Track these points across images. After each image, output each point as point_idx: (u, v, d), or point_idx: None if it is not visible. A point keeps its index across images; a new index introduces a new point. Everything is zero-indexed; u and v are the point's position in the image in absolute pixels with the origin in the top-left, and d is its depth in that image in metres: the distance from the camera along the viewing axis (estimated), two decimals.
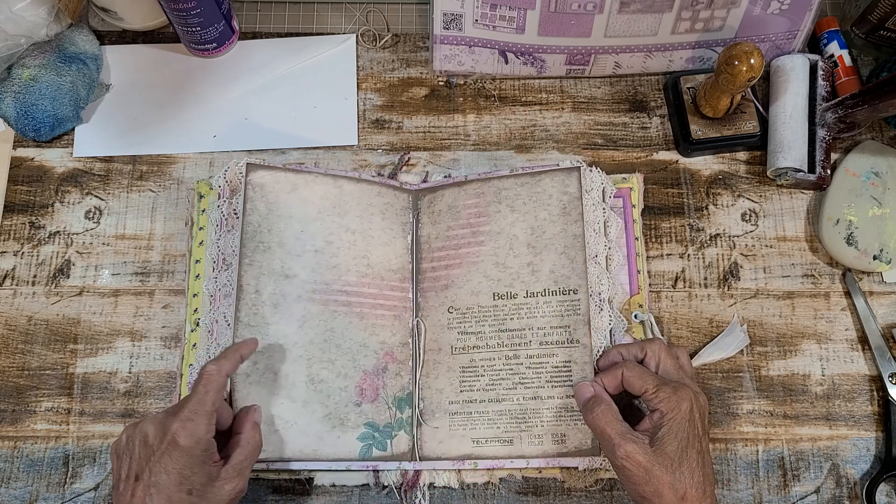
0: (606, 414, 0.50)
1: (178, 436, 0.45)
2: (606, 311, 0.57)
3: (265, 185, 0.58)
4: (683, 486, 0.47)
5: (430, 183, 0.63)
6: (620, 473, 0.49)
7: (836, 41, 0.67)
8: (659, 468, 0.47)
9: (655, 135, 0.67)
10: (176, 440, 0.45)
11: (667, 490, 0.47)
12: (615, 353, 0.54)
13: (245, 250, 0.56)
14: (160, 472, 0.45)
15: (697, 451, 0.48)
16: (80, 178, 0.65)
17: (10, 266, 0.62)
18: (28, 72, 0.63)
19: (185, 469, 0.45)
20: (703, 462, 0.48)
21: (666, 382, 0.50)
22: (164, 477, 0.45)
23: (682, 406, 0.49)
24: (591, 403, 0.51)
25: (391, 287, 0.60)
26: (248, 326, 0.55)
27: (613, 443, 0.48)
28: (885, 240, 0.62)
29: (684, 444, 0.48)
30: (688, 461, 0.47)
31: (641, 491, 0.47)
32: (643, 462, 0.47)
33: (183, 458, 0.45)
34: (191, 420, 0.46)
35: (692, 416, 0.49)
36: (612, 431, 0.49)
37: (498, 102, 0.68)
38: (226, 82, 0.67)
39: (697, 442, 0.48)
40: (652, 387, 0.50)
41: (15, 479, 0.57)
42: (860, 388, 0.61)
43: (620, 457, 0.48)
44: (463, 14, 0.63)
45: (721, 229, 0.64)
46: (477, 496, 0.57)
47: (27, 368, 0.60)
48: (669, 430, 0.48)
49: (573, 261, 0.57)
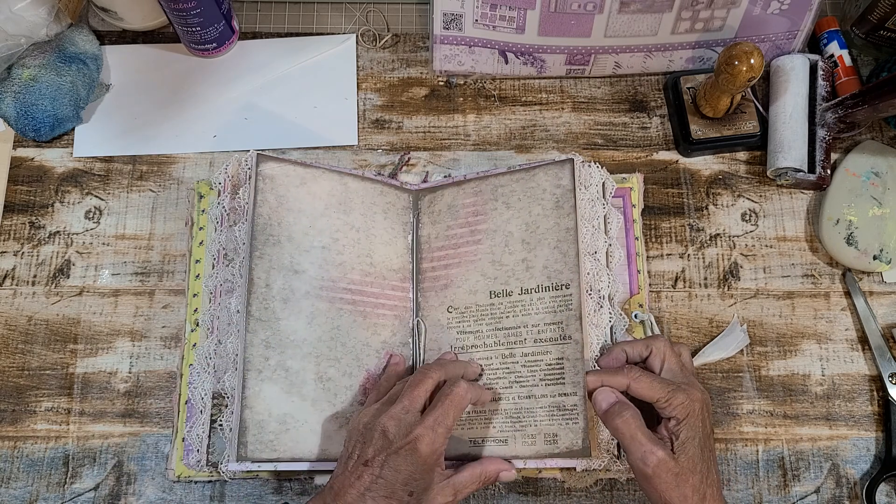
0: (634, 420, 0.49)
1: (420, 441, 0.47)
2: (606, 309, 0.57)
3: (275, 178, 0.58)
4: (704, 486, 0.47)
5: (430, 183, 0.63)
6: (647, 480, 0.48)
7: (836, 41, 0.67)
8: (688, 473, 0.47)
9: (655, 135, 0.67)
10: (416, 445, 0.47)
11: (691, 492, 0.47)
12: (619, 350, 0.54)
13: (256, 243, 0.56)
14: (390, 469, 0.46)
15: (710, 450, 0.49)
16: (80, 178, 0.65)
17: (10, 266, 0.62)
18: (28, 72, 0.63)
19: (416, 473, 0.47)
20: (714, 460, 0.49)
21: (677, 388, 0.50)
22: (394, 474, 0.46)
23: (696, 408, 0.49)
24: (618, 409, 0.50)
25: (392, 287, 0.60)
26: (259, 321, 0.54)
27: (645, 449, 0.48)
28: (885, 240, 0.62)
29: (702, 445, 0.48)
30: (706, 461, 0.48)
31: (668, 496, 0.47)
32: (673, 468, 0.47)
33: (416, 463, 0.47)
34: (434, 430, 0.47)
35: (703, 417, 0.49)
36: (644, 437, 0.48)
37: (498, 102, 0.68)
38: (226, 82, 0.67)
39: (709, 441, 0.49)
40: (664, 395, 0.49)
41: (15, 479, 0.57)
42: (860, 388, 0.61)
43: (652, 464, 0.47)
44: (463, 14, 0.63)
45: (721, 229, 0.64)
46: (477, 496, 0.57)
47: (27, 368, 0.60)
48: (689, 434, 0.48)
49: (566, 255, 0.56)
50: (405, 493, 0.46)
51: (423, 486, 0.47)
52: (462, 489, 0.50)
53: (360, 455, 0.47)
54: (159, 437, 0.58)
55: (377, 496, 0.46)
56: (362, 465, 0.47)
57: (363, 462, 0.47)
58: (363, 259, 0.59)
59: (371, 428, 0.48)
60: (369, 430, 0.48)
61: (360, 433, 0.49)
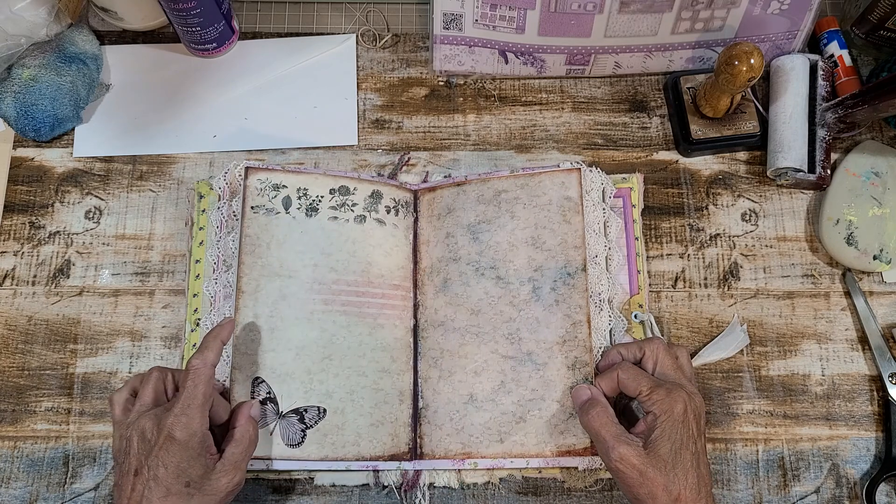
0: (602, 416, 0.50)
1: (174, 430, 0.46)
2: (606, 311, 0.57)
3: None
4: (677, 487, 0.47)
5: (430, 183, 0.63)
6: (615, 475, 0.49)
7: (836, 41, 0.67)
8: (652, 470, 0.47)
9: (655, 135, 0.67)
10: (172, 434, 0.46)
11: (661, 492, 0.47)
12: (614, 353, 0.55)
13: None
14: (158, 466, 0.46)
15: (692, 453, 0.48)
16: (80, 178, 0.65)
17: (10, 266, 0.62)
18: (28, 72, 0.63)
19: (183, 462, 0.46)
20: (697, 463, 0.48)
21: (660, 384, 0.50)
22: (163, 470, 0.46)
23: (676, 408, 0.49)
24: (588, 405, 0.52)
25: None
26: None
27: (608, 445, 0.49)
28: (885, 240, 0.62)
29: (678, 445, 0.48)
30: (682, 462, 0.48)
31: (636, 493, 0.48)
32: (637, 464, 0.48)
33: (180, 452, 0.46)
34: (184, 414, 0.47)
35: (686, 418, 0.49)
36: (607, 433, 0.49)
37: (498, 102, 0.68)
38: (226, 82, 0.67)
39: (692, 443, 0.49)
40: (646, 389, 0.50)
41: (15, 479, 0.57)
42: (860, 388, 0.61)
43: (615, 459, 0.48)
44: (463, 14, 0.63)
45: (721, 229, 0.64)
46: (477, 496, 0.57)
47: (27, 368, 0.60)
48: (663, 431, 0.48)
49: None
50: (181, 485, 0.46)
51: (199, 473, 0.47)
52: (239, 460, 0.49)
53: (127, 469, 0.47)
54: None
55: (154, 499, 0.45)
56: (133, 476, 0.46)
57: (134, 473, 0.46)
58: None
59: (127, 438, 0.48)
60: (126, 440, 0.48)
61: (120, 448, 0.48)
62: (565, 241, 0.58)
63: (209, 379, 0.49)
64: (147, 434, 0.47)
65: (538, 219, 0.59)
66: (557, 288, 0.57)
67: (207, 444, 0.48)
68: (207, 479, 0.47)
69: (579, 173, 0.59)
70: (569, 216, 0.58)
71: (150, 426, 0.47)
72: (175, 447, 0.46)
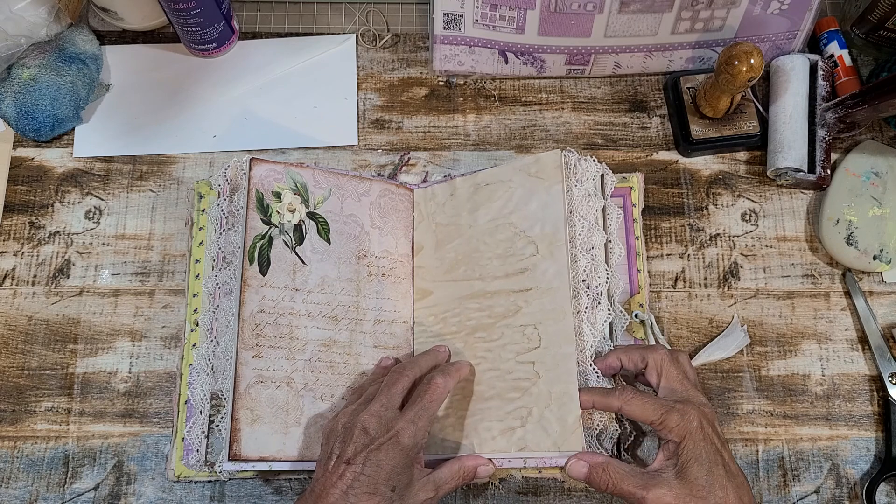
0: (615, 473, 0.48)
1: (403, 434, 0.47)
2: (605, 305, 0.56)
3: None
4: None
5: (430, 183, 0.64)
6: None
7: (836, 41, 0.67)
8: (692, 500, 0.46)
9: (655, 135, 0.67)
10: (399, 438, 0.47)
11: None
12: (614, 358, 0.53)
13: None
14: (373, 464, 0.46)
15: (723, 466, 0.47)
16: (80, 178, 0.65)
17: (10, 266, 0.62)
18: (28, 72, 0.63)
19: (398, 467, 0.47)
20: (730, 474, 0.47)
21: (670, 408, 0.48)
22: (376, 470, 0.46)
23: (692, 427, 0.47)
24: (598, 472, 0.48)
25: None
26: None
27: (637, 496, 0.46)
28: (885, 240, 0.62)
29: (707, 466, 0.46)
30: (717, 481, 0.46)
31: None
32: (674, 501, 0.46)
33: (399, 456, 0.47)
34: (414, 423, 0.48)
35: (706, 433, 0.47)
36: (631, 486, 0.47)
37: (498, 102, 0.68)
38: (226, 82, 0.67)
39: (719, 457, 0.47)
40: (657, 417, 0.48)
41: (15, 479, 0.57)
42: (860, 388, 0.61)
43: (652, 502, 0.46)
44: (463, 14, 0.63)
45: (721, 229, 0.64)
46: (477, 496, 0.57)
47: (27, 368, 0.60)
48: (689, 457, 0.47)
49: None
50: (388, 488, 0.46)
51: (405, 482, 0.47)
52: (443, 485, 0.50)
53: (340, 454, 0.47)
54: (159, 437, 0.58)
55: (360, 493, 0.45)
56: (344, 463, 0.47)
57: (345, 461, 0.47)
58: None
59: (350, 427, 0.48)
60: (348, 429, 0.48)
61: (340, 433, 0.49)
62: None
63: (443, 401, 0.51)
64: (370, 430, 0.47)
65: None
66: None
67: (419, 457, 0.50)
68: (410, 489, 0.48)
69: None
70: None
71: (375, 423, 0.48)
72: (396, 450, 0.47)
